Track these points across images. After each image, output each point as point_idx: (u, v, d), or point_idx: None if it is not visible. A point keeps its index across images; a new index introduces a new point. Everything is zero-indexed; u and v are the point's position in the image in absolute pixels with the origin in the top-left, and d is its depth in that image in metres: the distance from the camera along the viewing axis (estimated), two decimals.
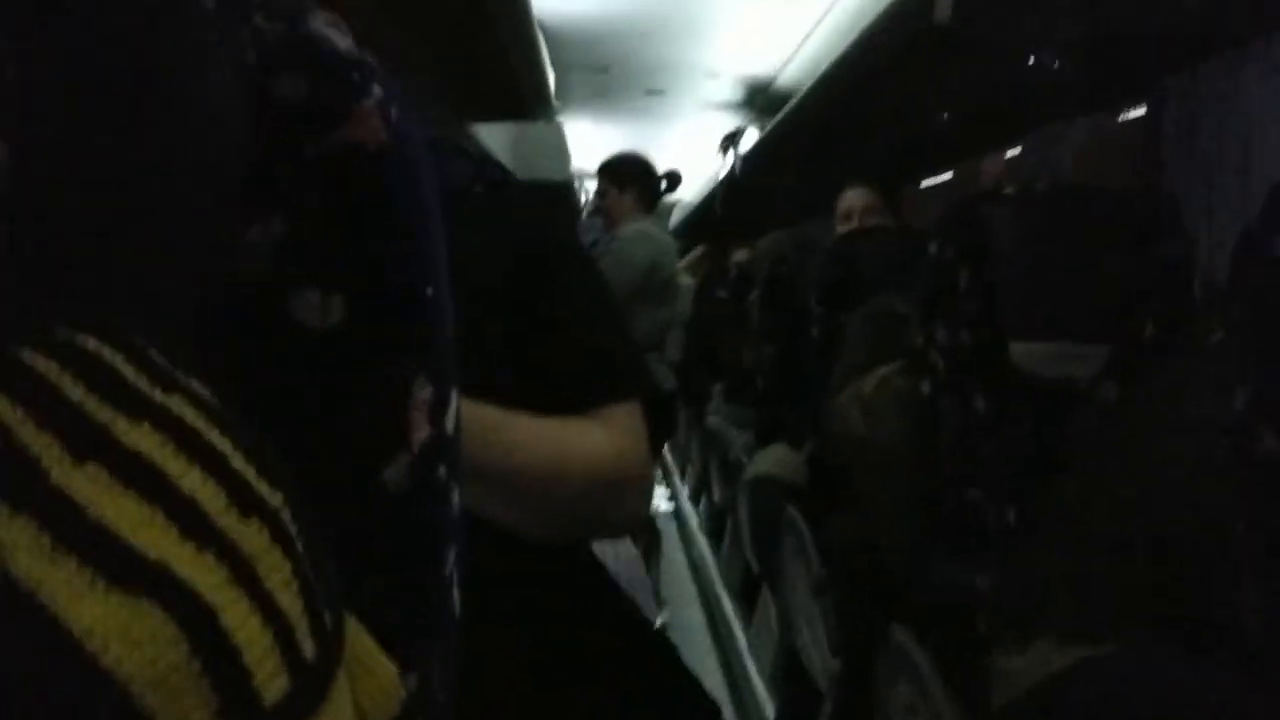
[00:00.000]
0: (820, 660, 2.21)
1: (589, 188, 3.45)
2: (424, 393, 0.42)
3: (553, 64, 3.08)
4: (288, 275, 0.40)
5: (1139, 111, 2.08)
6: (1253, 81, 1.73)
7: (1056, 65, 1.88)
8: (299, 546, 0.30)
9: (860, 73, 2.33)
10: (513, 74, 2.45)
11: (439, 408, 0.43)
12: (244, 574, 0.27)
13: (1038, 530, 1.44)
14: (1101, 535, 1.25)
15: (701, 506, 4.71)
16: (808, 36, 2.99)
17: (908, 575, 1.74)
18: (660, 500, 5.19)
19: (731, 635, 3.29)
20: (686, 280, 5.11)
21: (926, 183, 3.50)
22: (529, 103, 2.84)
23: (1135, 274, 1.53)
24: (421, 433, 0.42)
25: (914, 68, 2.13)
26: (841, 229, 2.77)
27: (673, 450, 6.13)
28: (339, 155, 0.40)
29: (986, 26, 1.70)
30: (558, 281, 0.97)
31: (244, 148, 0.39)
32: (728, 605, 3.49)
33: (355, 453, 0.41)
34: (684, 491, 5.42)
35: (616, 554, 1.66)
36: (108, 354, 0.29)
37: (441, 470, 0.44)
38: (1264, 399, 1.02)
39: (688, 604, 4.00)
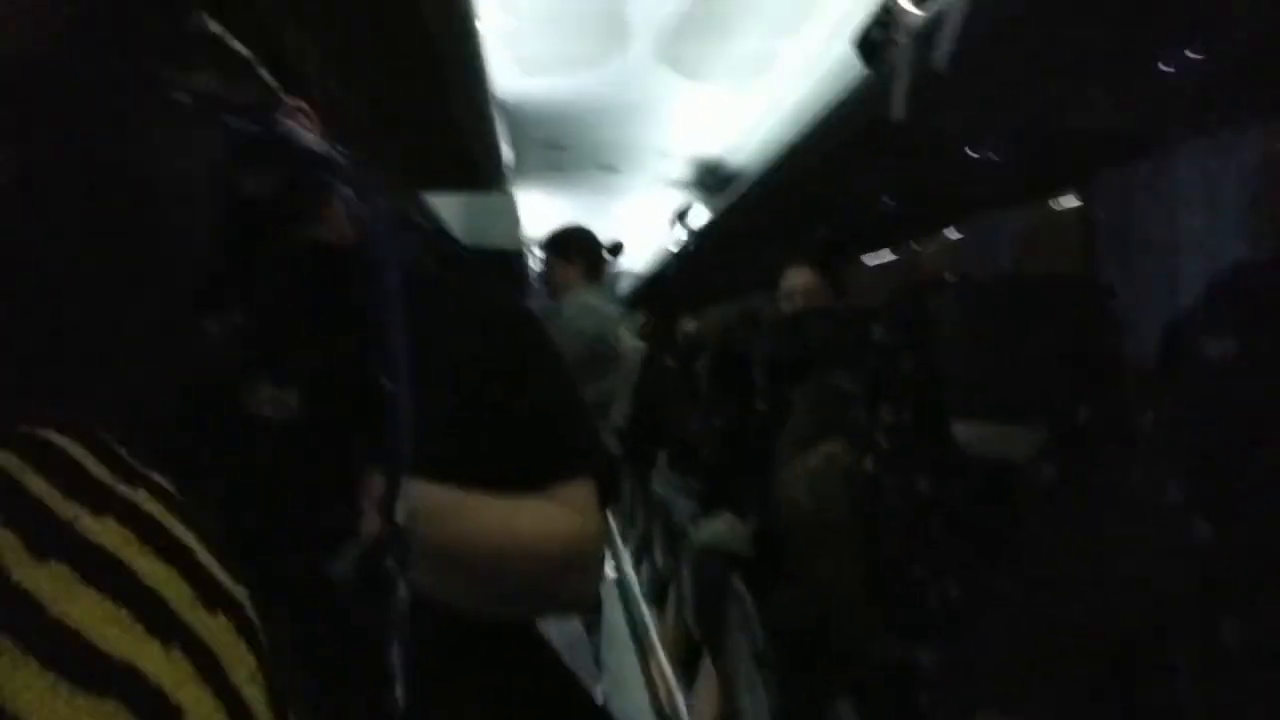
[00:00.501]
0: None
1: (541, 256, 3.47)
2: (376, 484, 0.42)
3: (509, 138, 3.11)
4: (245, 366, 0.39)
5: (1074, 203, 2.15)
6: (1180, 178, 1.80)
7: (997, 159, 1.94)
8: (262, 639, 0.30)
9: (807, 158, 2.39)
10: (468, 147, 2.48)
11: (390, 499, 0.43)
12: (209, 669, 0.27)
13: (980, 607, 1.46)
14: (1043, 614, 1.27)
15: (644, 573, 4.67)
16: (757, 123, 3.06)
17: (851, 649, 1.74)
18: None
19: (673, 704, 3.25)
20: (635, 343, 5.10)
21: (871, 261, 3.57)
22: (484, 175, 2.87)
23: (1068, 360, 1.57)
24: (372, 525, 0.42)
25: (859, 157, 2.19)
26: (785, 307, 2.82)
27: (615, 515, 6.08)
28: (304, 252, 0.41)
29: (938, 123, 1.76)
30: (511, 357, 0.96)
31: (207, 240, 0.39)
32: (669, 673, 3.45)
33: (303, 543, 0.41)
34: (626, 557, 5.37)
35: (559, 625, 1.64)
36: (70, 447, 0.29)
37: (389, 562, 0.43)
38: (1197, 492, 1.05)
39: (628, 670, 3.95)
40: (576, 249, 3.26)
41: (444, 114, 2.19)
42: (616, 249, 3.44)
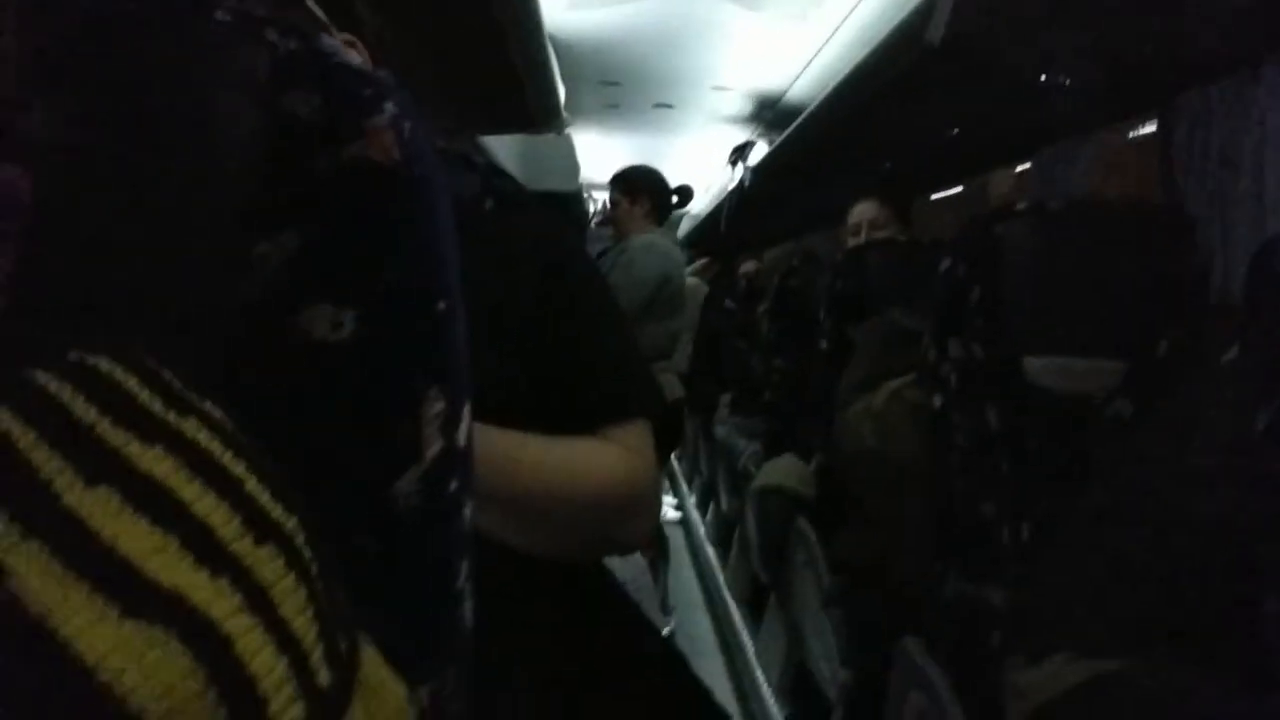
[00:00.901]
0: (829, 670, 2.20)
1: (597, 199, 3.46)
2: (436, 406, 0.42)
3: (563, 77, 3.08)
4: (299, 289, 0.39)
5: (1151, 128, 2.07)
6: (1265, 99, 1.72)
7: (1066, 83, 1.87)
8: (314, 570, 0.30)
9: (869, 89, 2.33)
10: (522, 87, 2.46)
11: (451, 421, 0.43)
12: (259, 601, 0.27)
13: (1052, 545, 1.43)
14: (1118, 552, 1.24)
15: (709, 515, 4.70)
16: (817, 53, 2.99)
17: (920, 589, 1.73)
18: (668, 508, 5.18)
19: (740, 644, 3.27)
20: (695, 282, 5.10)
21: (937, 195, 3.50)
22: (538, 115, 2.85)
23: (1148, 290, 1.52)
24: (433, 446, 0.42)
25: (922, 84, 2.13)
26: (851, 242, 2.78)
27: (680, 459, 6.13)
28: (351, 171, 0.40)
29: (987, 47, 1.69)
30: (568, 298, 0.96)
31: (254, 162, 0.39)
32: (736, 614, 3.48)
33: (366, 466, 0.41)
34: (691, 500, 5.41)
35: (623, 562, 1.65)
36: (121, 375, 0.29)
37: (453, 484, 0.43)
38: None
39: (695, 612, 3.99)
40: (643, 189, 3.26)
41: (496, 53, 2.17)
42: (685, 193, 3.42)
